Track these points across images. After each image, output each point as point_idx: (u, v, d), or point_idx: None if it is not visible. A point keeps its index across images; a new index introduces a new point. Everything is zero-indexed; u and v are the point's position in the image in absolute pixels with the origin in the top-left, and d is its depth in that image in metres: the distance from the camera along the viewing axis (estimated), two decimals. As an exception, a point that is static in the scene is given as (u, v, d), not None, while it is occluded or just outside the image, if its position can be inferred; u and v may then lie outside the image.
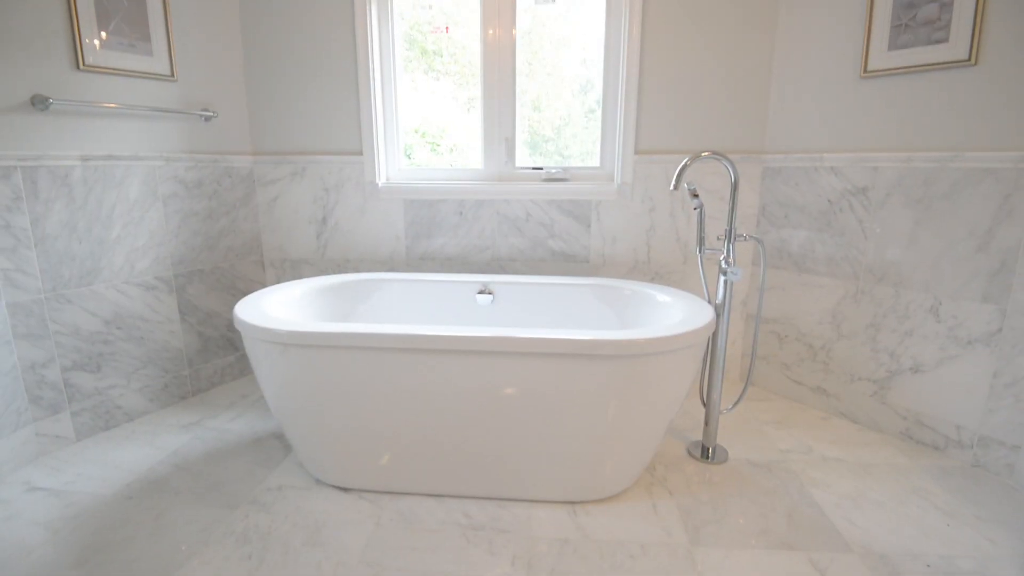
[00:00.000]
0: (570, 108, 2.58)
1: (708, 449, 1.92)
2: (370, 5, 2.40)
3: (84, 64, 1.91)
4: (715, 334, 1.84)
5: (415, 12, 2.55)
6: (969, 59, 1.74)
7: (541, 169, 2.53)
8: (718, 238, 1.91)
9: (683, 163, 1.69)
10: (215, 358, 2.50)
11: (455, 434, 1.60)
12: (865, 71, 1.99)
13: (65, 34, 1.86)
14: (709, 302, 1.87)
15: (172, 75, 2.18)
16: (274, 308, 1.84)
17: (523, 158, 2.58)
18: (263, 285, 2.69)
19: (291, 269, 2.69)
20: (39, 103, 1.80)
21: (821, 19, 2.11)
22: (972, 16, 1.72)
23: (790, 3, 2.20)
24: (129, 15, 2.02)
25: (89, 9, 1.90)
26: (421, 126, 2.68)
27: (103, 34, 1.95)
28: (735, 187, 1.78)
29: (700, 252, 1.89)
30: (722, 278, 1.80)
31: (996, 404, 1.80)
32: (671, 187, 1.72)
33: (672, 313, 1.86)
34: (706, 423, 1.92)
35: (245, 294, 2.59)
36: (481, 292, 2.26)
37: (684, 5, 2.27)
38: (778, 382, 2.44)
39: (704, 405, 1.94)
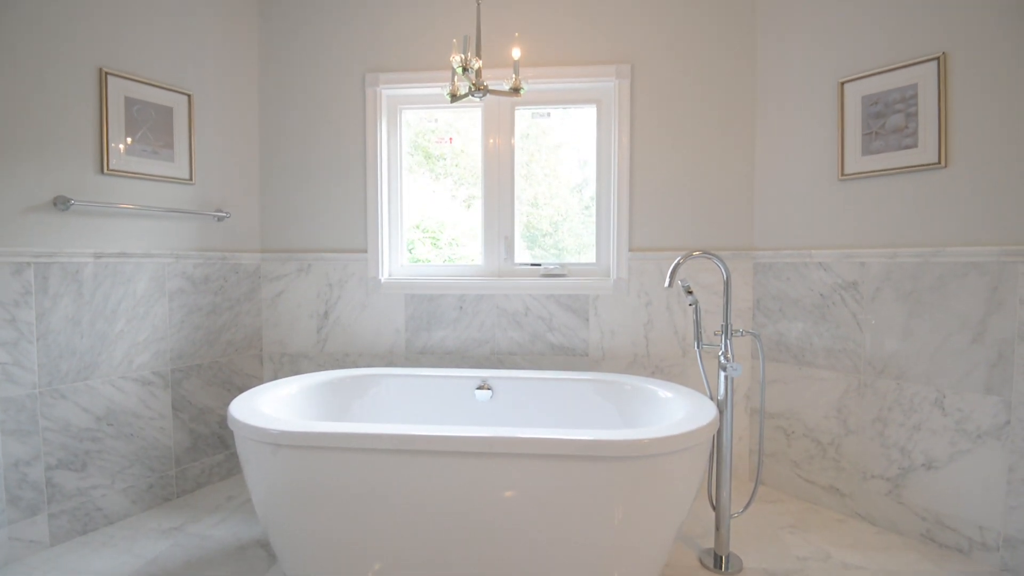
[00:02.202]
0: (567, 204, 2.71)
1: (721, 558, 1.81)
2: (381, 117, 2.60)
3: (108, 168, 2.03)
4: (720, 431, 1.80)
5: (421, 123, 2.76)
6: (939, 162, 1.86)
7: (539, 265, 2.61)
8: (715, 333, 1.93)
9: (676, 262, 1.75)
10: (204, 456, 2.42)
11: (450, 542, 1.51)
12: (843, 174, 2.12)
13: (93, 140, 2.00)
14: (711, 398, 1.85)
15: (191, 179, 2.31)
16: (269, 406, 1.81)
17: (521, 252, 2.67)
18: (260, 380, 2.67)
19: (289, 364, 2.68)
20: (61, 204, 1.89)
21: (797, 126, 2.28)
22: (936, 123, 1.86)
23: (766, 110, 2.38)
24: (156, 125, 2.18)
25: (119, 119, 2.06)
26: (422, 222, 2.80)
27: (128, 140, 2.10)
28: (728, 284, 1.83)
29: (698, 348, 1.90)
30: (722, 373, 1.80)
31: (1017, 501, 1.72)
32: (666, 284, 1.76)
33: (674, 410, 1.83)
34: (717, 528, 1.83)
35: (241, 389, 2.55)
36: (480, 388, 2.24)
37: (667, 114, 2.46)
38: (789, 481, 2.34)
39: (714, 508, 1.85)
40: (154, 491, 2.21)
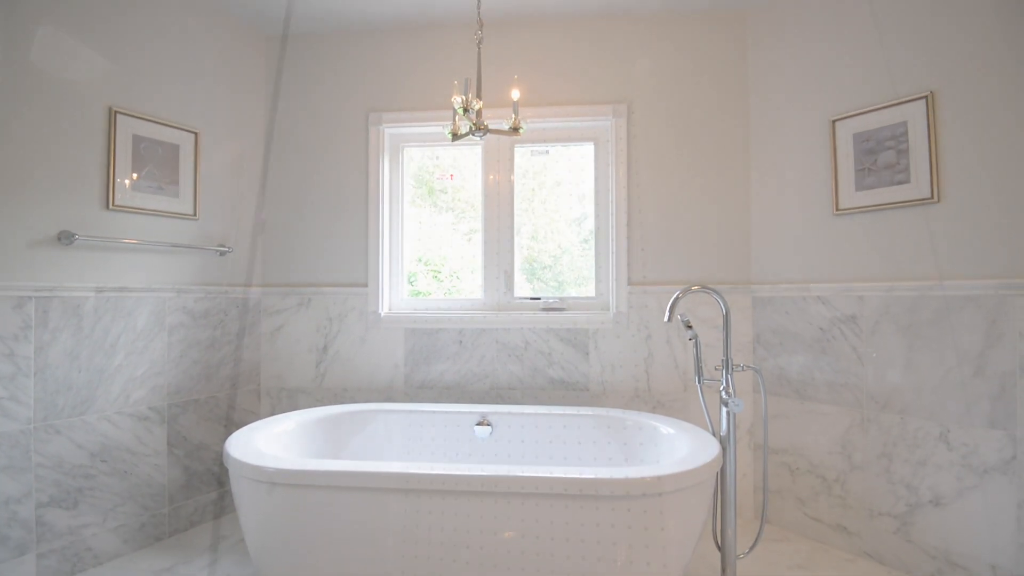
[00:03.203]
0: (566, 238, 2.74)
1: (727, 598, 1.76)
2: (383, 155, 2.65)
3: (113, 204, 2.06)
4: (723, 468, 1.77)
5: (423, 160, 2.81)
6: (932, 197, 1.89)
7: (539, 299, 2.61)
8: (716, 368, 1.92)
9: (674, 296, 1.76)
10: (198, 494, 2.37)
11: (450, 581, 1.47)
12: (837, 209, 2.15)
13: (100, 177, 2.03)
14: (713, 434, 1.83)
15: (194, 214, 2.34)
16: (265, 442, 1.79)
17: (521, 285, 2.68)
18: (257, 416, 2.64)
19: (287, 399, 2.65)
20: (65, 238, 1.91)
21: (791, 163, 2.32)
22: (928, 159, 1.90)
23: (760, 147, 2.43)
24: (162, 161, 2.22)
25: (126, 156, 2.10)
26: (423, 255, 2.82)
27: (134, 175, 2.13)
28: (727, 319, 1.83)
29: (699, 382, 1.89)
30: (724, 408, 1.78)
31: (1029, 543, 1.68)
32: (665, 318, 1.77)
33: (677, 446, 1.81)
34: (723, 569, 1.78)
35: (238, 425, 2.52)
36: (480, 423, 2.22)
37: (664, 151, 2.51)
38: (795, 519, 2.29)
39: (719, 548, 1.81)
40: (146, 530, 2.16)
